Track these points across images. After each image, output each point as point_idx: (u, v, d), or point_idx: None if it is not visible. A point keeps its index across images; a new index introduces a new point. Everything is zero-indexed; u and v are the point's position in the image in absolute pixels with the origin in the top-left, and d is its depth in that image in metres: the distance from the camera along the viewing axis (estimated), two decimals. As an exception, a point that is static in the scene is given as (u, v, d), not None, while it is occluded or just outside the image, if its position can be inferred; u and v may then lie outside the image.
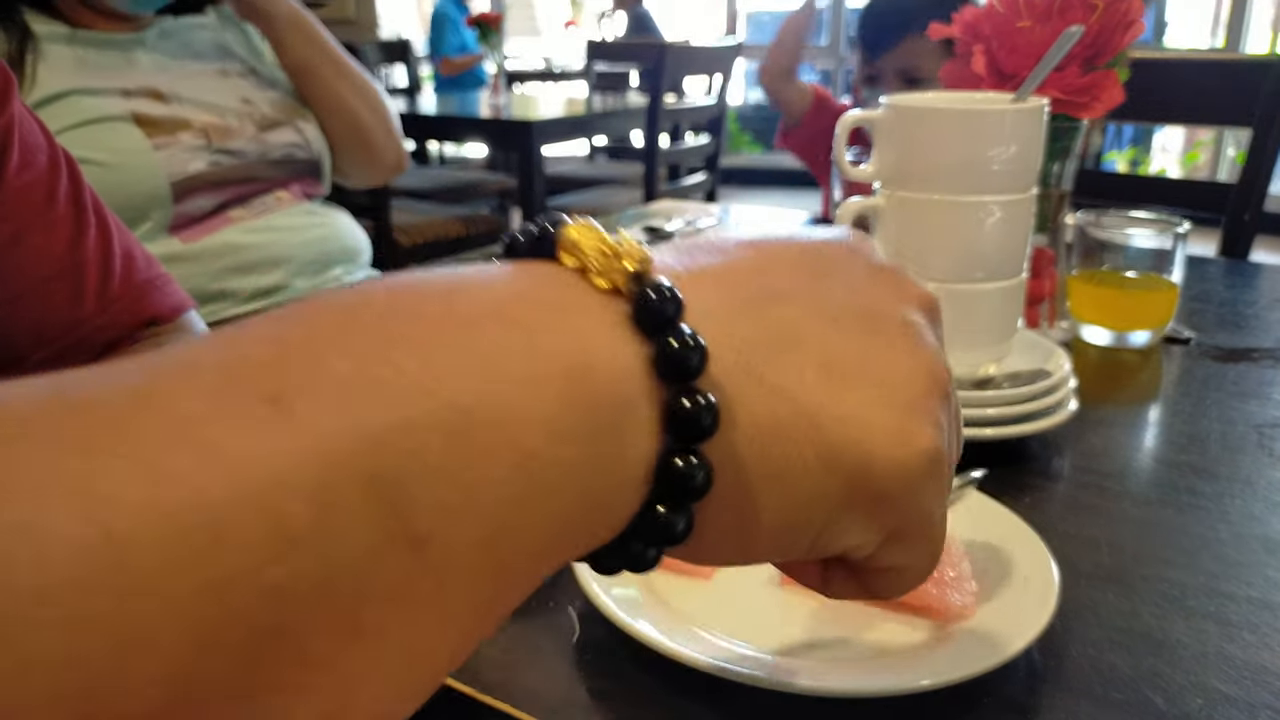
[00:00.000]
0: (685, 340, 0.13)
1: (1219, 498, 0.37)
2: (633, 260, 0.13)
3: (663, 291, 0.13)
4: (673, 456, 0.13)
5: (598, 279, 0.13)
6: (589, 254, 0.13)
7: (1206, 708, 0.25)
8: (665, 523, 0.13)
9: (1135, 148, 3.43)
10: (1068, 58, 0.47)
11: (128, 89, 0.68)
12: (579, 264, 0.13)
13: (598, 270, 0.13)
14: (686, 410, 0.13)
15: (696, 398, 0.13)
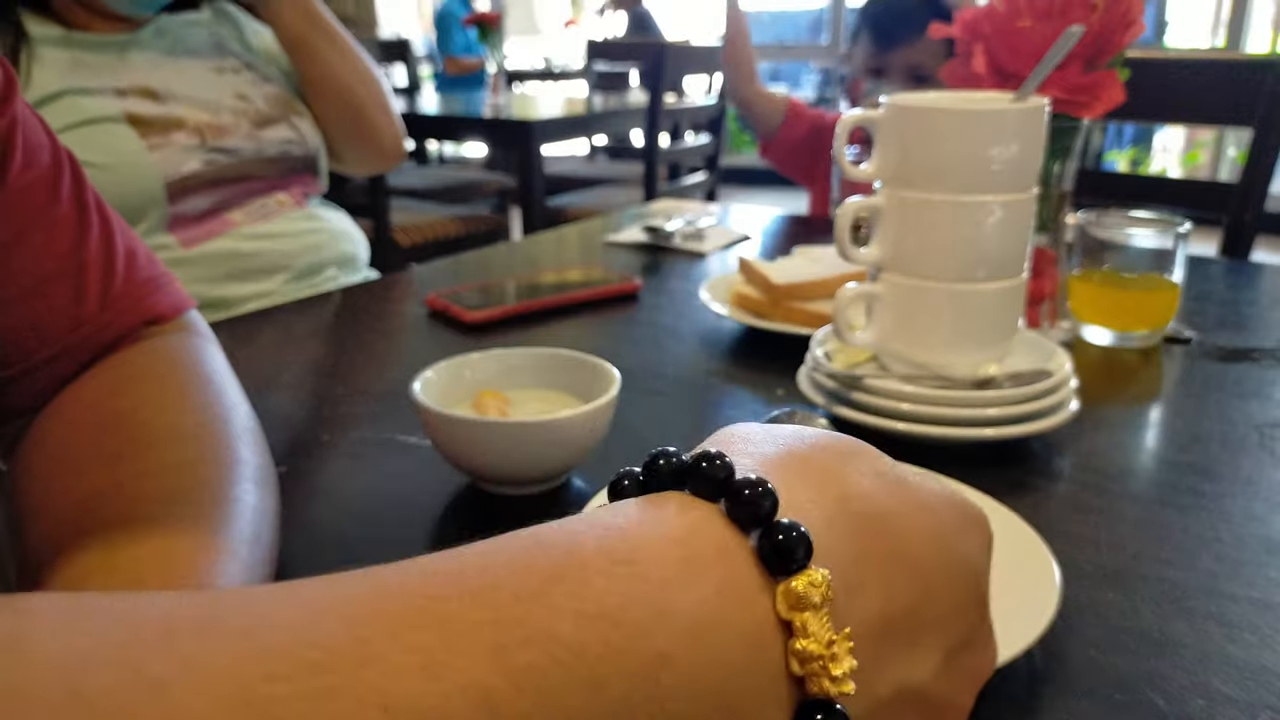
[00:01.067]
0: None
1: (1220, 498, 0.37)
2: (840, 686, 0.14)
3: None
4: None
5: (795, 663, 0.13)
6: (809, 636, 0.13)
7: (1208, 708, 0.25)
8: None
9: (1136, 147, 3.43)
10: (1069, 57, 0.47)
11: (121, 88, 0.68)
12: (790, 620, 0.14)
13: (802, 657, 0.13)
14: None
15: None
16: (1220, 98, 0.89)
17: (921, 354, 0.42)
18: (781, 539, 0.14)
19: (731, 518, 0.14)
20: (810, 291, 0.56)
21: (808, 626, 0.13)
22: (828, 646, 0.13)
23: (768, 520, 0.14)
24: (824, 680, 0.13)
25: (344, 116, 0.79)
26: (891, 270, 0.42)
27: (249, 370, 0.39)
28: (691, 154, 2.02)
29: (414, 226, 1.73)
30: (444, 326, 0.58)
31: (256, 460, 0.29)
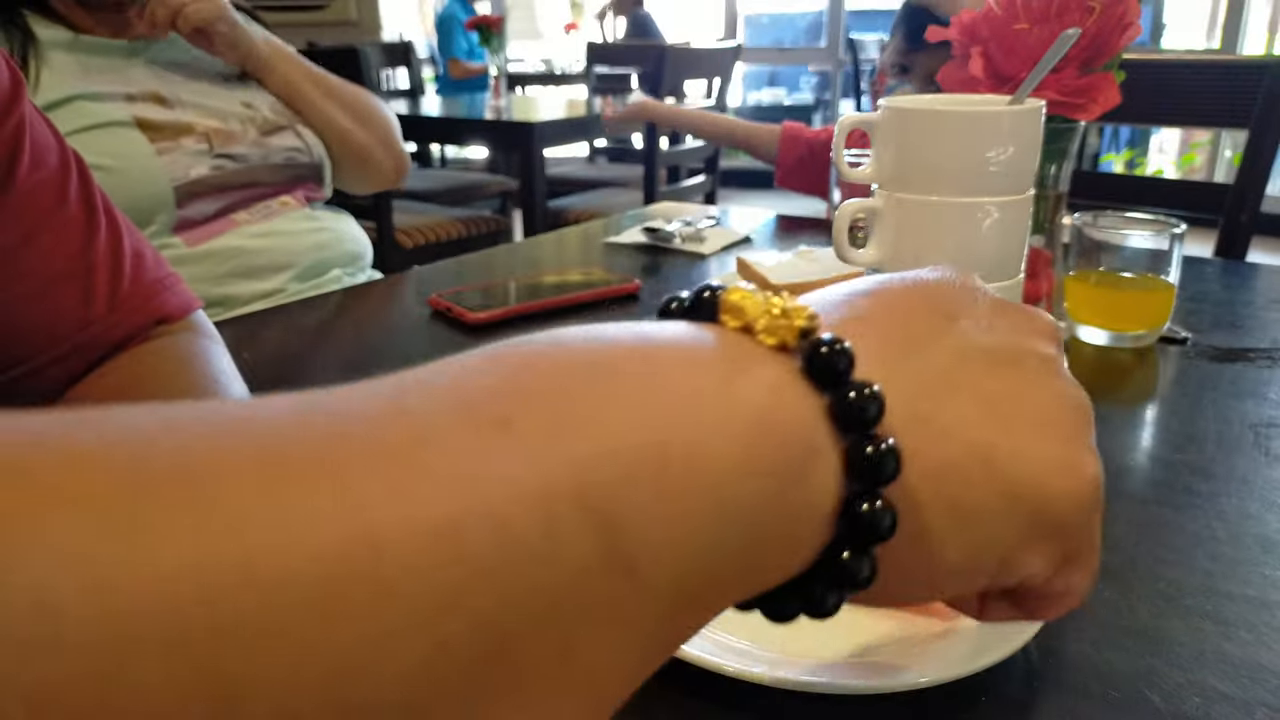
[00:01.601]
0: (862, 391, 0.14)
1: (1215, 497, 0.37)
2: (801, 317, 0.14)
3: (834, 345, 0.14)
4: (858, 501, 0.13)
5: (766, 337, 0.14)
6: (755, 315, 0.14)
7: (1204, 706, 0.25)
8: (851, 567, 0.14)
9: (1132, 149, 3.43)
10: (1065, 60, 0.47)
11: (131, 93, 0.68)
12: (742, 324, 0.14)
13: (765, 329, 0.14)
14: (869, 456, 0.14)
15: (879, 444, 0.14)
16: (1216, 99, 0.90)
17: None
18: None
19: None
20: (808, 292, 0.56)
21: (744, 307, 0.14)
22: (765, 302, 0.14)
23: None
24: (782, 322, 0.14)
25: (342, 153, 0.81)
26: (889, 271, 0.42)
27: (253, 369, 0.39)
28: (691, 156, 2.03)
29: (416, 228, 1.73)
30: (446, 327, 0.59)
31: None
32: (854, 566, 0.14)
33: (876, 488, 0.14)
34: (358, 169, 0.83)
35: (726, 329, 0.14)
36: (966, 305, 0.17)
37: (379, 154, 0.82)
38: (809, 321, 0.14)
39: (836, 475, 0.14)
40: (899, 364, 0.15)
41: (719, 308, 0.14)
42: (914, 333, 0.16)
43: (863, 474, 0.14)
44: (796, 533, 0.13)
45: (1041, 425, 0.16)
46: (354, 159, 0.82)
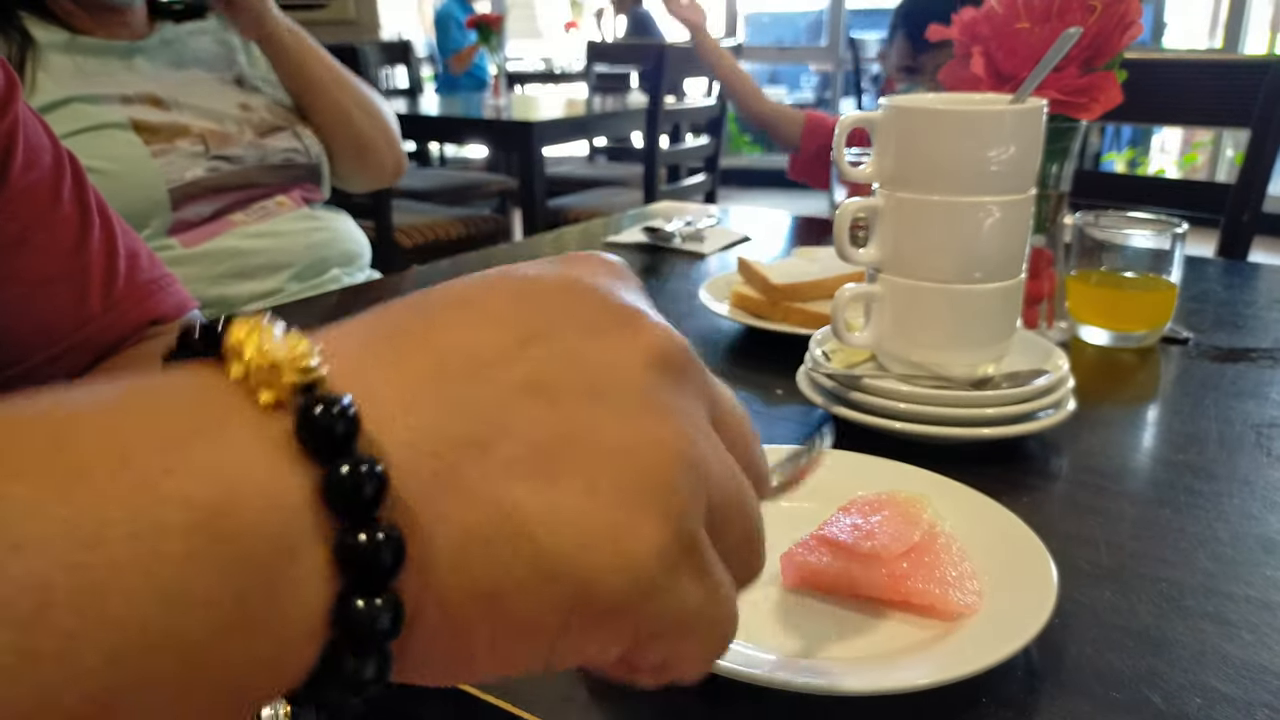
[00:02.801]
0: (358, 467, 0.11)
1: (1217, 497, 0.37)
2: (295, 370, 0.12)
3: (331, 406, 0.11)
4: (352, 598, 0.11)
5: (262, 392, 0.11)
6: (250, 361, 0.12)
7: (1205, 707, 0.25)
8: (353, 672, 0.12)
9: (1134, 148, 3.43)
10: (1066, 59, 0.47)
11: (127, 95, 0.68)
12: (244, 372, 0.12)
13: (260, 382, 0.11)
14: (360, 547, 0.11)
15: (374, 532, 0.11)
16: (1218, 99, 0.90)
17: (919, 354, 0.42)
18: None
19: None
20: (809, 292, 0.56)
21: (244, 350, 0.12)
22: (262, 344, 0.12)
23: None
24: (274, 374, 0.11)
25: (348, 147, 0.81)
26: (890, 271, 0.42)
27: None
28: (691, 155, 2.03)
29: (416, 228, 1.73)
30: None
31: None
32: (356, 671, 0.12)
33: (373, 585, 0.11)
34: (358, 161, 0.82)
35: (223, 379, 0.12)
36: (558, 316, 0.14)
37: (381, 147, 0.82)
38: (302, 375, 0.12)
39: (326, 570, 0.11)
40: (436, 409, 0.12)
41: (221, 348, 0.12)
42: (473, 355, 0.13)
43: (353, 569, 0.11)
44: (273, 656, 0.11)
45: (594, 479, 0.13)
46: (356, 151, 0.81)
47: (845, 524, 0.31)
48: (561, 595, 0.13)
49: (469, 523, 0.12)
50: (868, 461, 0.36)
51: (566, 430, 0.13)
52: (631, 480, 0.13)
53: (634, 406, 0.13)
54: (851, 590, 0.29)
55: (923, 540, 0.30)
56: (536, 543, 0.12)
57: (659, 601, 0.13)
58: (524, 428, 0.13)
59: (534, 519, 0.12)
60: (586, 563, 0.13)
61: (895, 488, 0.33)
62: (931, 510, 0.32)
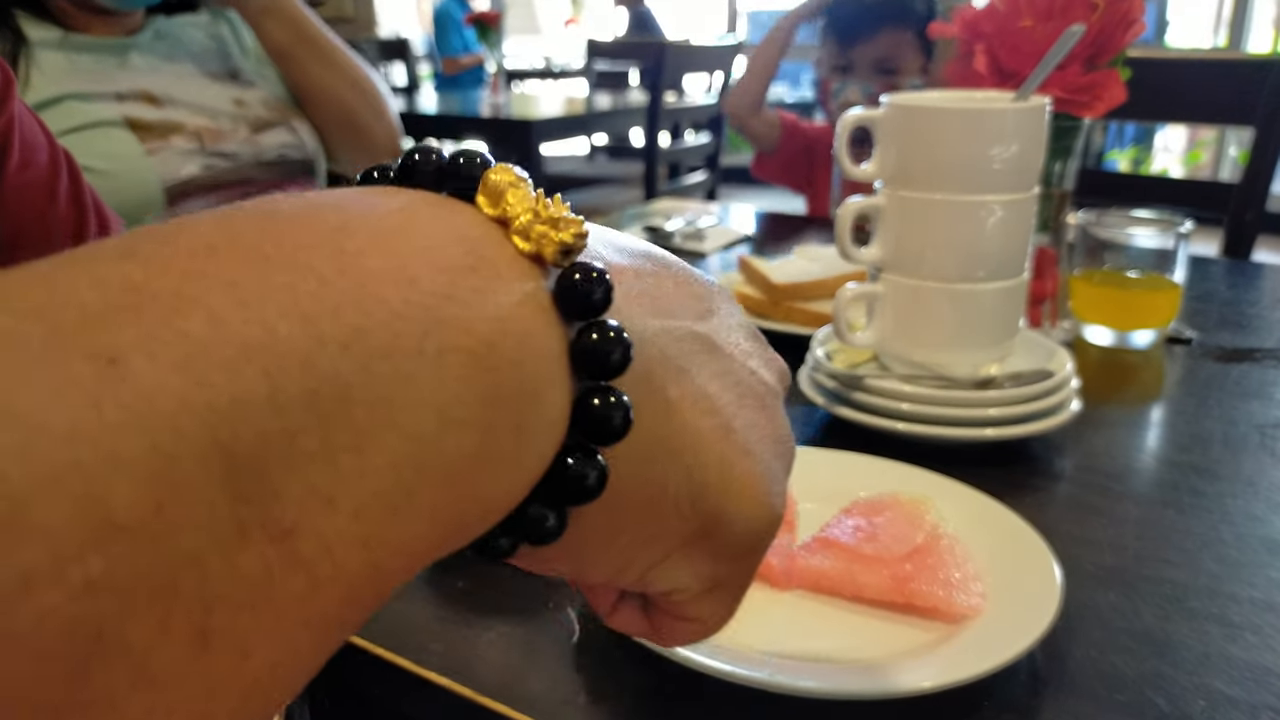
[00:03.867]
0: (609, 335, 0.12)
1: (1221, 498, 0.37)
2: (569, 231, 0.12)
3: (592, 274, 0.12)
4: (570, 455, 0.12)
5: (520, 240, 0.12)
6: (517, 210, 0.12)
7: (1209, 709, 0.25)
8: (539, 520, 0.12)
9: (1137, 147, 3.42)
10: (1069, 57, 0.47)
11: (121, 92, 0.68)
12: (499, 214, 0.12)
13: (522, 230, 0.12)
14: (599, 411, 0.12)
15: (611, 399, 0.12)
16: (1222, 97, 0.89)
17: (922, 354, 0.42)
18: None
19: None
20: (811, 291, 0.56)
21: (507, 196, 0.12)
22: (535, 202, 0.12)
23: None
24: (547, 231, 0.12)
25: (336, 124, 0.79)
26: (892, 270, 0.42)
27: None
28: (691, 153, 2.02)
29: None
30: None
31: None
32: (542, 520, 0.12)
33: (598, 444, 0.12)
34: (349, 137, 0.80)
35: (479, 216, 0.12)
36: (723, 313, 0.16)
37: (369, 120, 0.79)
38: (576, 238, 0.12)
39: (558, 423, 0.12)
40: (651, 321, 0.14)
41: (476, 184, 0.12)
42: (671, 306, 0.15)
43: (587, 429, 0.12)
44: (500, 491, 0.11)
45: (752, 448, 0.15)
46: (345, 126, 0.79)
47: (848, 526, 0.31)
48: (697, 521, 0.14)
49: (655, 425, 0.14)
50: (870, 463, 0.36)
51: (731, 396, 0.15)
52: (772, 461, 0.15)
53: (772, 409, 0.16)
54: (854, 593, 0.29)
55: (926, 542, 0.30)
56: (699, 470, 0.14)
57: (753, 559, 0.16)
58: (705, 375, 0.15)
59: (709, 453, 0.14)
60: (734, 502, 0.15)
61: (898, 489, 0.33)
62: (934, 512, 0.31)
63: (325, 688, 0.29)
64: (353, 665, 0.29)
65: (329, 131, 0.80)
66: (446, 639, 0.28)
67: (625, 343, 0.12)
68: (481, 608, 0.30)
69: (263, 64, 0.79)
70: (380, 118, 0.81)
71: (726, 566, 0.15)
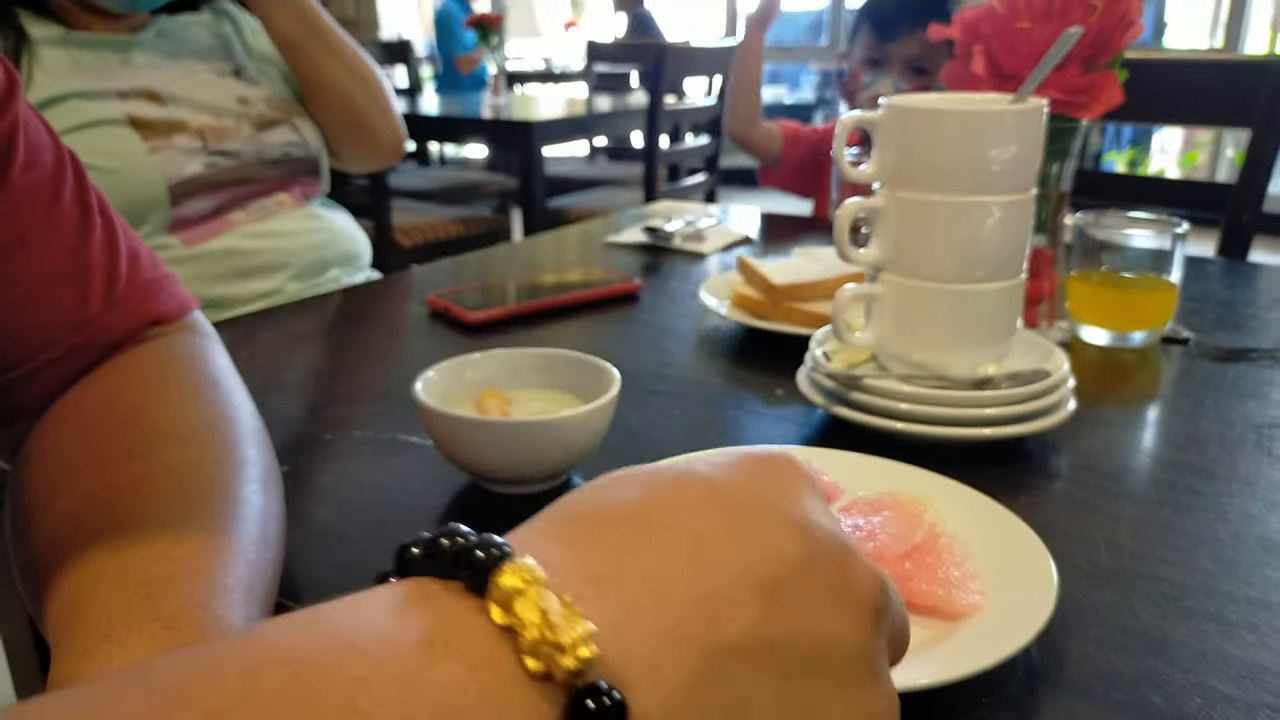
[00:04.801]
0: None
1: (1217, 497, 0.37)
2: (574, 653, 0.11)
3: (603, 700, 0.11)
4: None
5: (529, 659, 0.11)
6: (525, 622, 0.11)
7: (1205, 707, 0.25)
8: None
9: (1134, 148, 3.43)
10: (1067, 58, 0.47)
11: (123, 91, 0.68)
12: (507, 624, 0.12)
13: (530, 648, 0.11)
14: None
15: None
16: (1219, 99, 0.90)
17: (920, 354, 0.42)
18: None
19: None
20: (810, 292, 0.56)
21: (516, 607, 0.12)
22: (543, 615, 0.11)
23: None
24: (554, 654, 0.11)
25: (341, 119, 0.78)
26: (890, 271, 0.42)
27: (251, 370, 0.39)
28: (691, 155, 2.03)
29: (415, 227, 1.73)
30: (445, 326, 0.58)
31: (263, 461, 0.29)
32: None
33: None
34: (354, 134, 0.79)
35: (488, 627, 0.12)
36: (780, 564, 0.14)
37: (375, 119, 0.79)
38: (581, 660, 0.11)
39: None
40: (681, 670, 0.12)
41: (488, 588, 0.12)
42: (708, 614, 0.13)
43: None
44: None
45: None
46: (350, 122, 0.78)
47: (846, 525, 0.31)
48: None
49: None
50: (868, 462, 0.36)
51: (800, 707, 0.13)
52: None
53: (855, 677, 0.14)
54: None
55: (924, 541, 0.30)
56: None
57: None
58: (764, 703, 0.13)
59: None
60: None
61: (896, 488, 0.33)
62: (932, 511, 0.32)
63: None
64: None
65: (333, 128, 0.79)
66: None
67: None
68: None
69: (266, 63, 0.79)
70: (385, 115, 0.80)
71: None
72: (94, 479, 0.27)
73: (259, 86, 0.77)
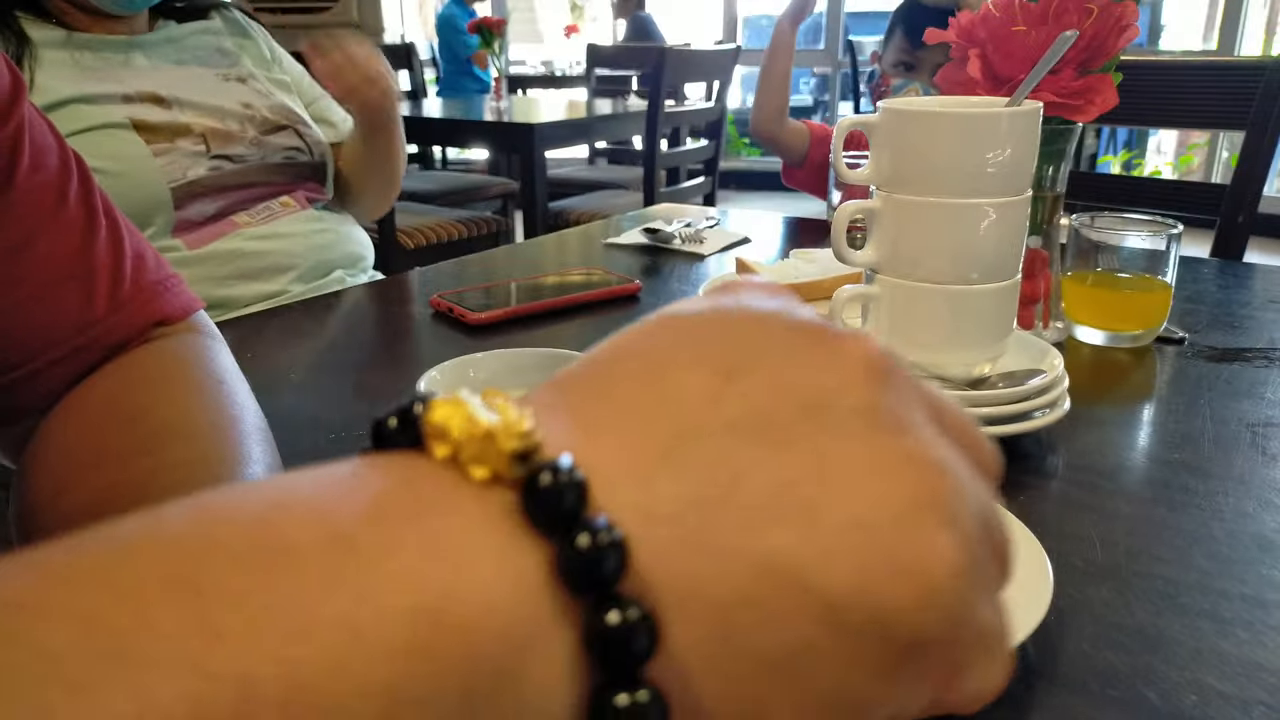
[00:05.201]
0: (596, 535, 0.10)
1: (1212, 495, 0.37)
2: (511, 437, 0.10)
3: (558, 474, 0.10)
4: (610, 693, 0.10)
5: (474, 468, 0.10)
6: (461, 438, 0.11)
7: (1200, 704, 0.25)
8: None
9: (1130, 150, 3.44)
10: (1062, 61, 0.48)
11: (128, 94, 0.69)
12: (451, 451, 0.11)
13: (473, 458, 0.10)
14: (612, 630, 0.10)
15: (625, 609, 0.10)
16: (1214, 101, 0.90)
17: (917, 354, 0.42)
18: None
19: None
20: (807, 293, 0.56)
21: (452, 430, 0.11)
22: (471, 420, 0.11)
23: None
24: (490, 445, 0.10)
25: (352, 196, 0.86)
26: (887, 272, 0.42)
27: (255, 370, 0.39)
28: (691, 158, 2.03)
29: (418, 229, 1.74)
30: (448, 327, 0.59)
31: (266, 459, 0.30)
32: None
33: (627, 672, 0.10)
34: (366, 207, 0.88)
35: (431, 462, 0.11)
36: (754, 346, 0.12)
37: (384, 206, 0.90)
38: (522, 441, 0.10)
39: (575, 659, 0.10)
40: (659, 471, 0.11)
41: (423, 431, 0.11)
42: (677, 415, 0.12)
43: (607, 656, 0.10)
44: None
45: (859, 509, 0.11)
46: (356, 202, 0.87)
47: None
48: (857, 642, 0.11)
49: (729, 586, 0.11)
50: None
51: (804, 466, 0.11)
52: (897, 501, 0.11)
53: (863, 426, 0.12)
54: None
55: (920, 538, 0.30)
56: (814, 591, 0.11)
57: (958, 628, 0.12)
58: (757, 472, 0.11)
59: (802, 564, 0.11)
60: (877, 597, 0.11)
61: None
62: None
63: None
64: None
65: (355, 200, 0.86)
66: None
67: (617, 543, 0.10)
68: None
69: (273, 81, 0.80)
70: (388, 201, 0.90)
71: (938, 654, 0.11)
72: (102, 475, 0.27)
73: (264, 96, 0.77)
